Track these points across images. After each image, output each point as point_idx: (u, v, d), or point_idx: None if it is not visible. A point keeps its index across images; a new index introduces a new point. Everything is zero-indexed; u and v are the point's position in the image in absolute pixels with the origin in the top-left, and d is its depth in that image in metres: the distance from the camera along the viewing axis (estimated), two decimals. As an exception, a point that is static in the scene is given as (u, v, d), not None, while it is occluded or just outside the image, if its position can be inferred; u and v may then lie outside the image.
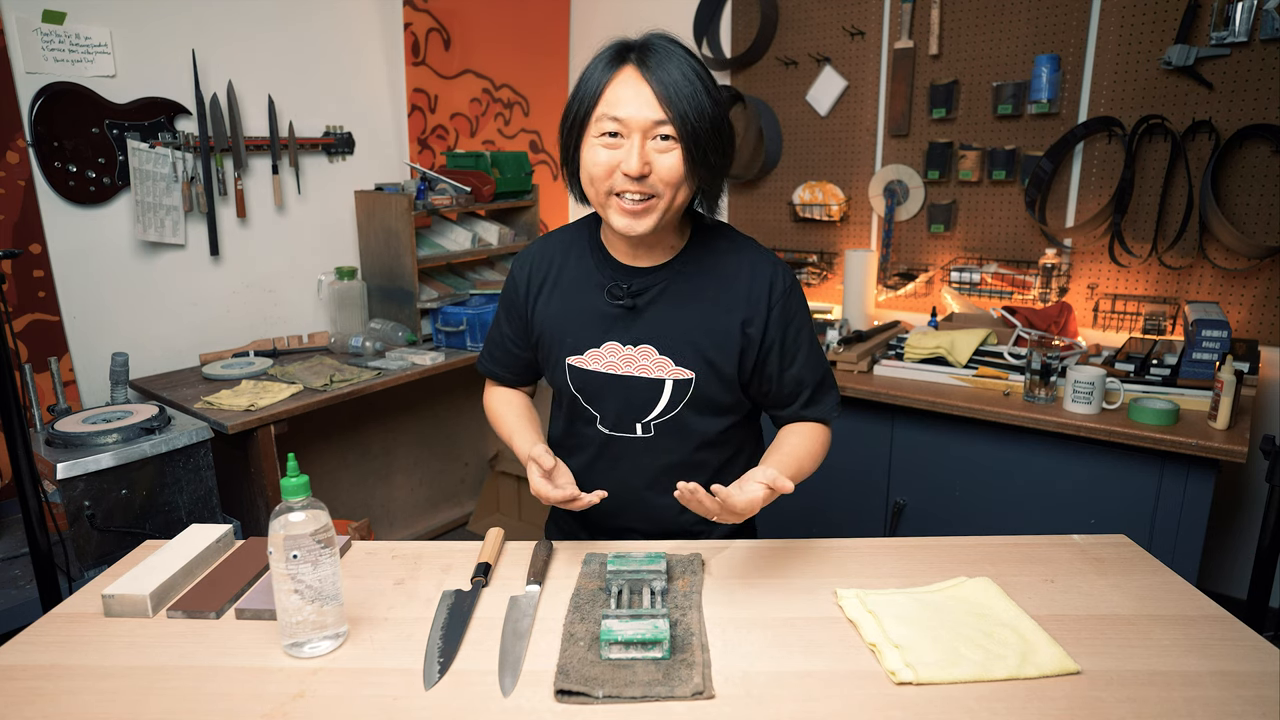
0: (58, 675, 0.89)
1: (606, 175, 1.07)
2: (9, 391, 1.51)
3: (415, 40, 2.84)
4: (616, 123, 1.05)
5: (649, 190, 1.07)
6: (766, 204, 3.02)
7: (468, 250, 2.88)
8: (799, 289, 1.22)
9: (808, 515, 2.21)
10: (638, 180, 1.06)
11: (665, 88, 1.04)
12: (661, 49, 1.06)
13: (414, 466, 3.09)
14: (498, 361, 1.35)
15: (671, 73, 1.04)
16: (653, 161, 1.06)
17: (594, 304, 1.20)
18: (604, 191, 1.09)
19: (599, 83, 1.07)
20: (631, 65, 1.06)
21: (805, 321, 1.22)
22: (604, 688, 0.84)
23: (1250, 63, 2.09)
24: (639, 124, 1.05)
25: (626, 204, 1.07)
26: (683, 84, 1.04)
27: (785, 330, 1.19)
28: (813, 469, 1.21)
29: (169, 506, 1.91)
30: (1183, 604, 1.01)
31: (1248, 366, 1.97)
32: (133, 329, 2.39)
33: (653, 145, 1.06)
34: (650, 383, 1.18)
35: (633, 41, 1.09)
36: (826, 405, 1.24)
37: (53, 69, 2.14)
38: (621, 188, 1.07)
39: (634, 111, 1.04)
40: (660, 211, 1.09)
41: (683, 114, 1.04)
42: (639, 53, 1.06)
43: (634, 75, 1.05)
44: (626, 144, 1.05)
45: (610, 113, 1.05)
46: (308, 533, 0.88)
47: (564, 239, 1.27)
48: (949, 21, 2.51)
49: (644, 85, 1.04)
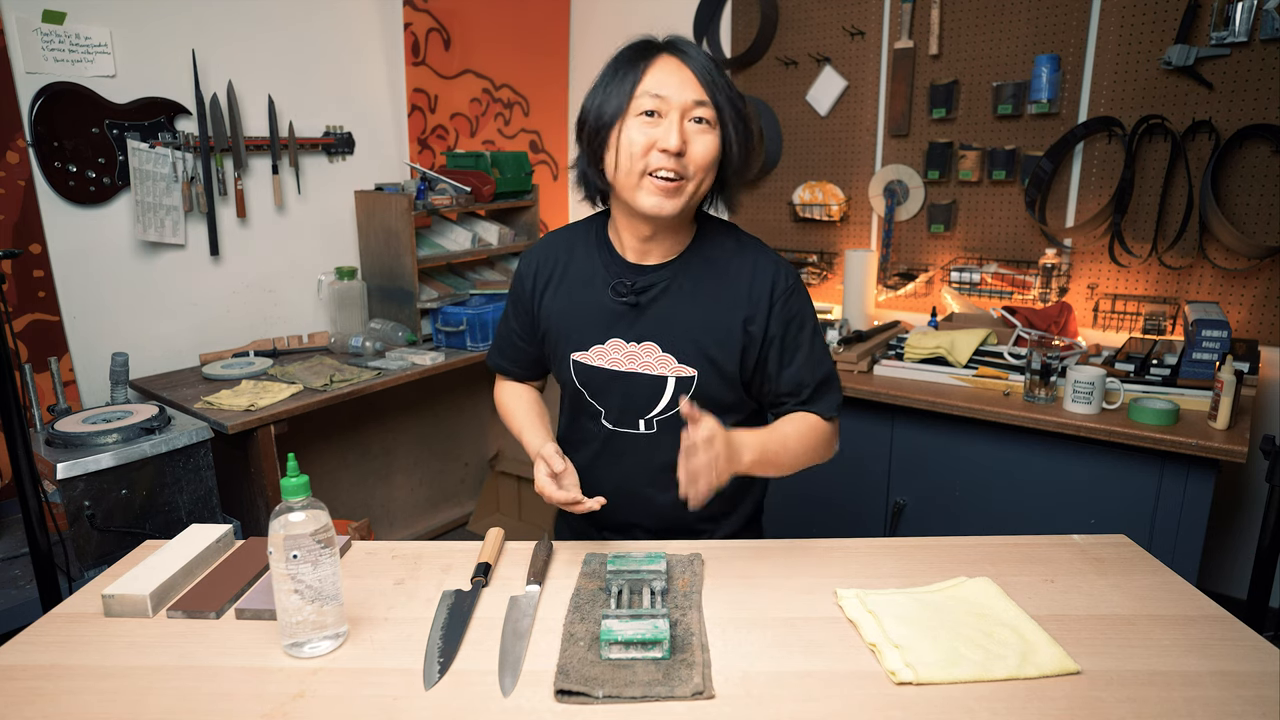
0: (58, 675, 0.89)
1: (644, 153, 1.09)
2: (9, 391, 1.51)
3: (415, 40, 2.84)
4: (658, 100, 1.08)
5: (681, 171, 1.09)
6: (766, 204, 3.02)
7: (468, 250, 2.88)
8: (803, 290, 1.22)
9: (808, 515, 2.21)
10: (676, 157, 1.08)
11: (705, 73, 1.09)
12: (691, 46, 1.12)
13: (414, 466, 3.09)
14: (506, 356, 1.36)
15: (705, 63, 1.10)
16: (690, 142, 1.09)
17: (599, 300, 1.21)
18: (639, 171, 1.10)
19: (639, 68, 1.10)
20: (667, 53, 1.10)
21: (808, 321, 1.22)
22: (604, 688, 0.84)
23: (1250, 63, 2.09)
24: (680, 102, 1.08)
25: (660, 182, 1.09)
26: (716, 74, 1.10)
27: (786, 329, 1.19)
28: (801, 453, 1.18)
29: (169, 506, 1.91)
30: (1183, 604, 1.01)
31: (1248, 366, 1.97)
32: (133, 329, 2.39)
33: (690, 127, 1.09)
34: (653, 379, 1.19)
35: (657, 39, 1.13)
36: (824, 402, 1.22)
37: (53, 69, 2.14)
38: (657, 165, 1.09)
39: (676, 90, 1.08)
40: (688, 195, 1.11)
41: (719, 101, 1.09)
42: (670, 46, 1.11)
43: (673, 61, 1.10)
44: (665, 122, 1.08)
45: (652, 90, 1.08)
46: (308, 533, 0.88)
47: (571, 235, 1.28)
48: (949, 21, 2.51)
49: (685, 69, 1.09)
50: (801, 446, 1.18)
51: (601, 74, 1.14)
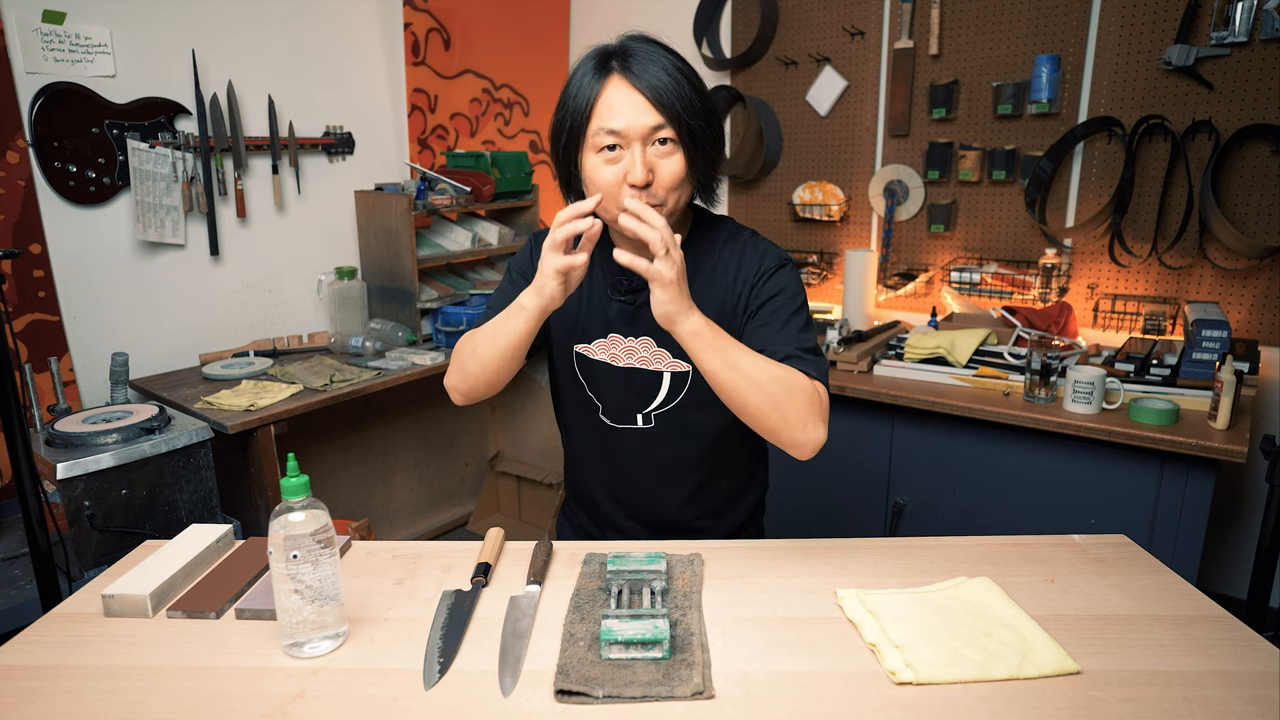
0: (58, 675, 0.89)
1: (616, 190, 1.07)
2: (9, 391, 1.51)
3: (415, 40, 2.84)
4: (614, 135, 1.05)
5: (655, 200, 1.07)
6: (766, 204, 3.02)
7: (468, 250, 2.88)
8: (790, 270, 1.18)
9: (808, 515, 2.21)
10: (644, 189, 1.06)
11: (655, 91, 1.04)
12: (642, 51, 1.07)
13: (414, 466, 3.09)
14: None
15: (657, 74, 1.05)
16: (655, 168, 1.06)
17: (600, 294, 1.22)
18: (615, 209, 1.07)
19: (588, 97, 1.07)
20: (617, 74, 1.06)
21: (790, 300, 1.15)
22: (604, 688, 0.84)
23: (1250, 63, 2.09)
24: (637, 132, 1.05)
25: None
26: (670, 84, 1.05)
27: (763, 305, 1.14)
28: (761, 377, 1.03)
29: (169, 506, 1.91)
30: (1183, 604, 1.01)
31: (1248, 366, 1.97)
32: (133, 329, 2.39)
33: (653, 151, 1.06)
34: (649, 374, 1.20)
35: (612, 48, 1.09)
36: (802, 365, 1.08)
37: (53, 69, 2.14)
38: (629, 196, 1.06)
39: (630, 120, 1.05)
40: (665, 214, 1.09)
41: (676, 113, 1.05)
42: (620, 59, 1.07)
43: (622, 84, 1.06)
44: (628, 154, 1.06)
45: (606, 125, 1.05)
46: (308, 533, 0.88)
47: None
48: (949, 21, 2.51)
49: (634, 93, 1.05)
50: (766, 374, 1.04)
51: (562, 93, 1.11)
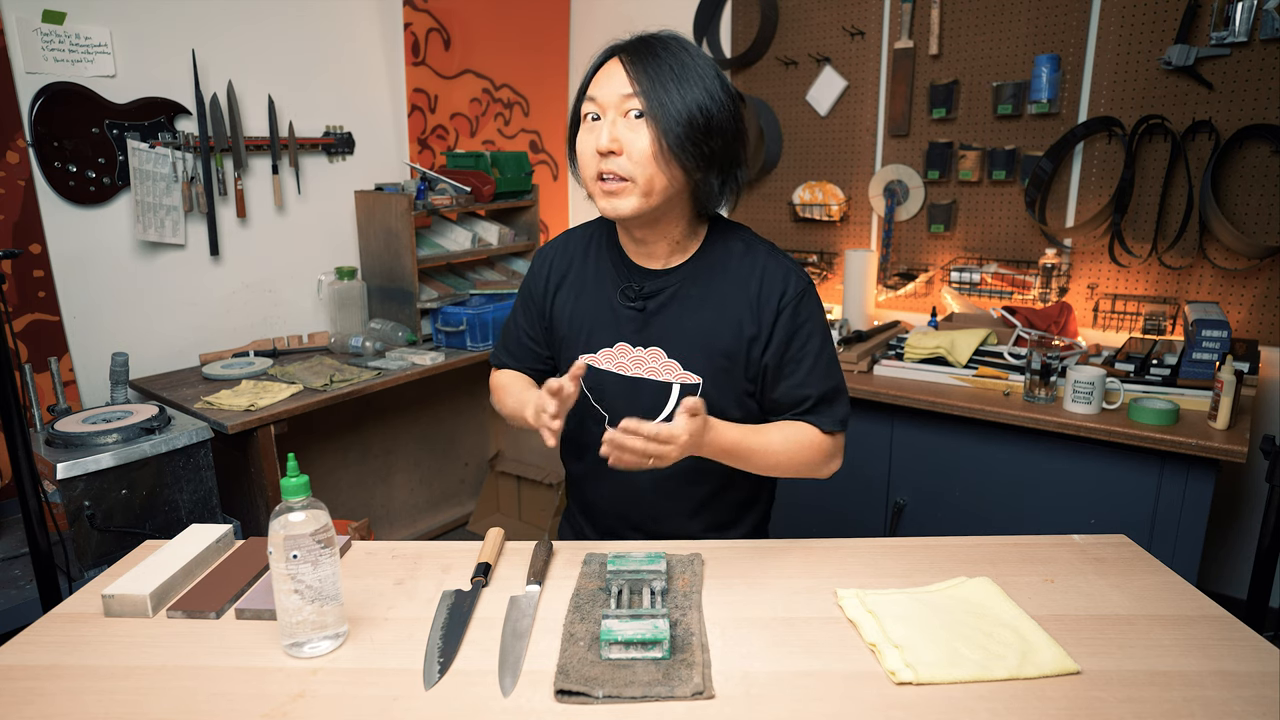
0: (58, 675, 0.89)
1: (590, 158, 1.09)
2: (9, 391, 1.51)
3: (415, 40, 2.84)
4: (593, 103, 1.08)
5: (622, 172, 1.07)
6: (766, 204, 3.02)
7: (468, 250, 2.88)
8: (813, 296, 1.18)
9: (808, 515, 2.21)
10: (606, 157, 1.06)
11: (640, 69, 1.06)
12: (653, 40, 1.09)
13: (414, 466, 3.09)
14: (511, 354, 1.35)
15: (656, 59, 1.06)
16: (625, 141, 1.06)
17: (608, 303, 1.21)
18: (592, 177, 1.10)
19: (587, 77, 1.11)
20: (617, 57, 1.09)
21: (816, 330, 1.18)
22: (604, 688, 0.84)
23: (1250, 63, 2.09)
24: (612, 101, 1.07)
25: (604, 184, 1.08)
26: (665, 70, 1.06)
27: (791, 339, 1.16)
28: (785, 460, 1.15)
29: (169, 506, 1.91)
30: (1183, 604, 1.01)
31: (1248, 366, 1.97)
32: (132, 329, 2.39)
33: (625, 124, 1.07)
34: (658, 385, 1.19)
35: (626, 39, 1.12)
36: (825, 415, 1.17)
37: (53, 69, 2.14)
38: (600, 168, 1.08)
39: (607, 89, 1.07)
40: (639, 195, 1.07)
41: (650, 90, 1.05)
42: (627, 46, 1.10)
43: (614, 63, 1.09)
44: (600, 124, 1.08)
45: (591, 95, 1.09)
46: (308, 533, 0.88)
47: (585, 235, 1.28)
48: (949, 21, 2.51)
49: (620, 68, 1.07)
50: (786, 454, 1.14)
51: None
